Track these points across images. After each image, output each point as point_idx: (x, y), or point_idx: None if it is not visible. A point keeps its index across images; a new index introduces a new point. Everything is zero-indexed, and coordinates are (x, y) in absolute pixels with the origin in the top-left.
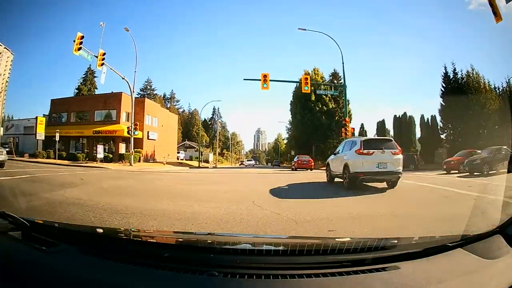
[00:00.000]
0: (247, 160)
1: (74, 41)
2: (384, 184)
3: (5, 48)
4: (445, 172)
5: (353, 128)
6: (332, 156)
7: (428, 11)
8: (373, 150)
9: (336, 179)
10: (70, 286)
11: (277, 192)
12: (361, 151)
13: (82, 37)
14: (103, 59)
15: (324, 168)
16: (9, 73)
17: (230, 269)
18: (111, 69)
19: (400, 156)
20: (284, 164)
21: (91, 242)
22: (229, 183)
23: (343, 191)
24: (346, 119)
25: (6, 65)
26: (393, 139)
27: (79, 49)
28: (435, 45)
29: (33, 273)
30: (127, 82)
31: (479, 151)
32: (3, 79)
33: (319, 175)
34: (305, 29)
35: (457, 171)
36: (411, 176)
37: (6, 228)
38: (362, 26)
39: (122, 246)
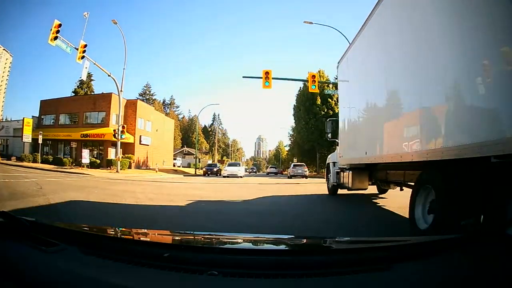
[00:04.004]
0: (228, 165)
1: (51, 30)
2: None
3: (4, 49)
4: None
5: None
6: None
7: None
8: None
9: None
10: (70, 286)
11: None
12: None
13: (60, 26)
14: (84, 51)
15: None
16: (7, 75)
17: (230, 269)
18: (94, 63)
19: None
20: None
21: (91, 242)
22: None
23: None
24: None
25: (5, 67)
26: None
27: (55, 38)
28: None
29: (33, 273)
30: (114, 80)
31: None
32: (2, 80)
33: None
34: (312, 23)
35: None
36: None
37: (6, 228)
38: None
39: (122, 246)
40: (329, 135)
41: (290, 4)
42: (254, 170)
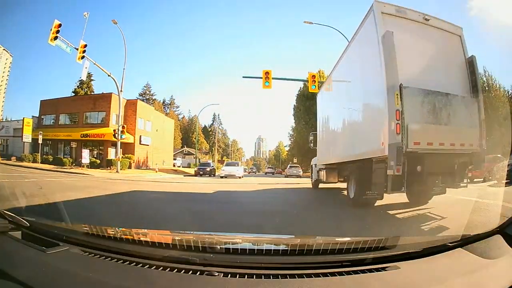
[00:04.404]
0: (226, 165)
1: (51, 29)
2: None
3: (4, 50)
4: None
5: None
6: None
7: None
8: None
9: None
10: (70, 286)
11: None
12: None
13: (60, 26)
14: (84, 51)
15: None
16: (7, 75)
17: (230, 269)
18: (94, 63)
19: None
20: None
21: (91, 242)
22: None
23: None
24: None
25: (4, 67)
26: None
27: (55, 38)
28: None
29: (33, 273)
30: (114, 80)
31: (499, 156)
32: (2, 80)
33: None
34: (312, 23)
35: (482, 180)
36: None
37: (6, 228)
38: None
39: (122, 246)
40: (311, 144)
41: (290, 3)
42: (254, 170)
